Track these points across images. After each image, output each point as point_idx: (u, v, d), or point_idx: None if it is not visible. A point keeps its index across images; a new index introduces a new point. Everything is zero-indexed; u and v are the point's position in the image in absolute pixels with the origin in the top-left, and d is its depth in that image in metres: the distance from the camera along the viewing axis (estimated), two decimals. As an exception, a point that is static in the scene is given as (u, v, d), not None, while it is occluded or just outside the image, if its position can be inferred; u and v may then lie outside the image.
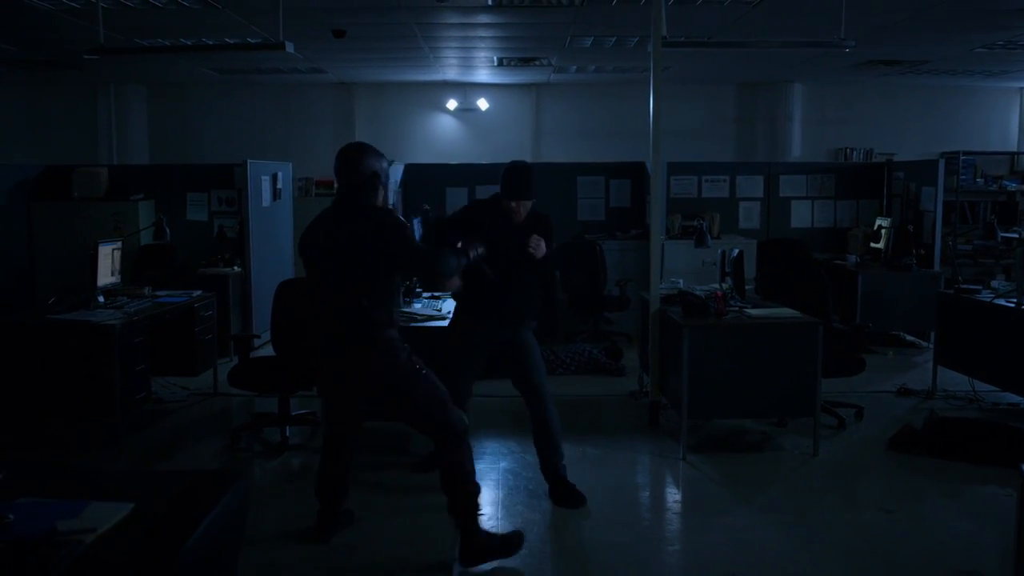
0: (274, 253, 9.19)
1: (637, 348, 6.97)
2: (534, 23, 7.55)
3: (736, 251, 6.06)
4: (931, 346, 8.55)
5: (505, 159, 10.29)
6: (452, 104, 11.39)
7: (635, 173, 9.80)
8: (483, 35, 8.14)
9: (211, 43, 7.71)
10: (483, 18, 7.35)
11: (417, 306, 6.01)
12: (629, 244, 9.39)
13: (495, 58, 9.45)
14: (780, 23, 7.43)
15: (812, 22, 7.33)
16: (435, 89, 11.37)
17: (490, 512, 4.54)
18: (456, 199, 9.46)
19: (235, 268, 8.59)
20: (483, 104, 11.39)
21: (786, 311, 5.68)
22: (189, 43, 7.88)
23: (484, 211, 4.67)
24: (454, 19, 7.43)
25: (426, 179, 9.70)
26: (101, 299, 6.09)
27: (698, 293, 5.86)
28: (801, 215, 9.81)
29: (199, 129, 11.54)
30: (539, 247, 4.44)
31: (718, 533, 4.30)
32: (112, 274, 6.37)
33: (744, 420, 5.97)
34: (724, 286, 6.06)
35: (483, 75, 10.79)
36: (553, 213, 9.41)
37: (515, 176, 4.56)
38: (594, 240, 8.95)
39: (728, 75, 10.79)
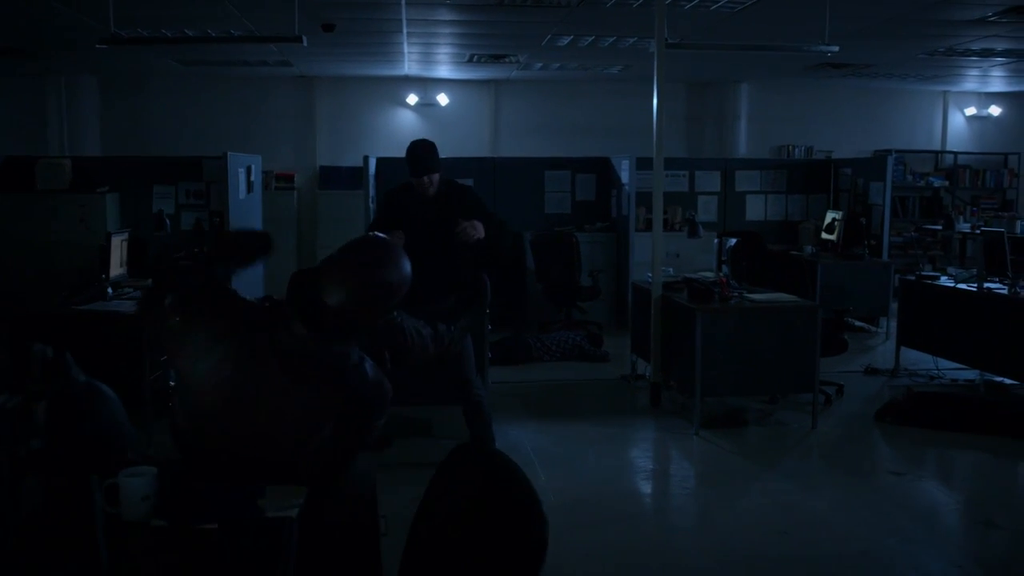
0: (251, 245, 9.18)
1: (630, 333, 7.29)
2: (522, 21, 7.80)
3: (733, 241, 6.47)
4: (880, 330, 9.24)
5: (465, 153, 10.71)
6: (412, 99, 11.53)
7: (600, 168, 10.17)
8: (468, 32, 8.34)
9: (215, 35, 7.68)
10: (476, 15, 7.56)
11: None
12: (597, 236, 9.75)
13: (467, 54, 9.65)
14: (752, 27, 7.88)
15: (784, 25, 7.82)
16: (395, 84, 11.49)
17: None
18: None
19: (217, 260, 8.56)
20: (443, 99, 11.57)
21: (784, 296, 6.13)
22: (192, 34, 7.82)
23: (399, 196, 5.01)
24: (447, 16, 7.62)
25: (395, 173, 9.80)
26: (110, 290, 6.08)
27: (700, 280, 6.24)
28: (755, 208, 10.37)
29: (154, 121, 11.34)
30: (467, 232, 4.65)
31: (755, 497, 4.70)
32: (121, 265, 6.35)
33: (743, 398, 6.39)
34: (722, 273, 6.46)
35: (444, 71, 10.98)
36: (521, 206, 9.89)
37: (414, 153, 4.86)
38: (568, 231, 9.27)
39: (680, 75, 11.26)
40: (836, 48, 6.73)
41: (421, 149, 4.85)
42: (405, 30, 8.21)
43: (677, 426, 5.94)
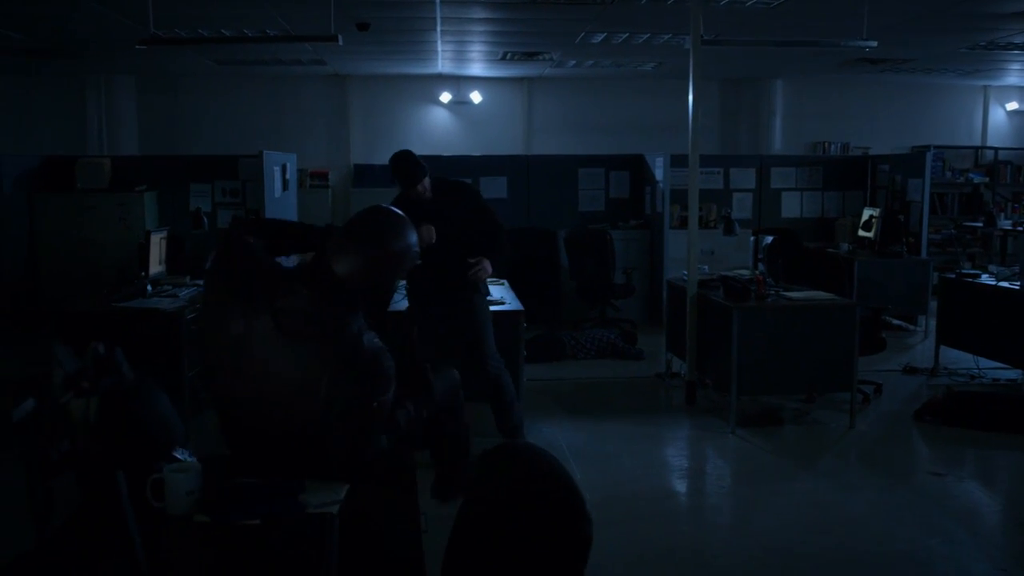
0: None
1: (664, 331, 7.26)
2: (555, 19, 7.78)
3: (769, 238, 6.42)
4: (919, 329, 9.12)
5: (498, 151, 10.70)
6: (446, 97, 11.55)
7: (633, 165, 10.13)
8: (502, 30, 8.34)
9: (251, 35, 7.74)
10: (510, 13, 7.55)
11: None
12: (631, 234, 9.72)
13: (500, 52, 9.65)
14: (788, 22, 7.80)
15: (820, 21, 7.73)
16: (429, 82, 11.52)
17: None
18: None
19: (253, 258, 8.64)
20: (476, 97, 11.58)
21: (821, 294, 6.07)
22: (228, 34, 7.89)
23: (401, 207, 4.96)
24: (481, 14, 7.62)
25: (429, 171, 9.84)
26: (149, 287, 6.16)
27: (737, 277, 6.19)
28: (791, 206, 10.26)
29: (190, 120, 11.48)
30: (479, 275, 4.81)
31: (792, 496, 4.65)
32: (159, 263, 6.43)
33: (776, 397, 6.33)
34: (758, 271, 6.41)
35: (476, 68, 10.98)
36: (555, 204, 9.88)
37: (401, 168, 4.83)
38: (602, 229, 9.24)
39: (713, 72, 11.18)
40: (874, 43, 6.64)
41: (404, 162, 4.83)
42: (439, 28, 8.22)
43: (713, 424, 5.90)
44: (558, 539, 1.55)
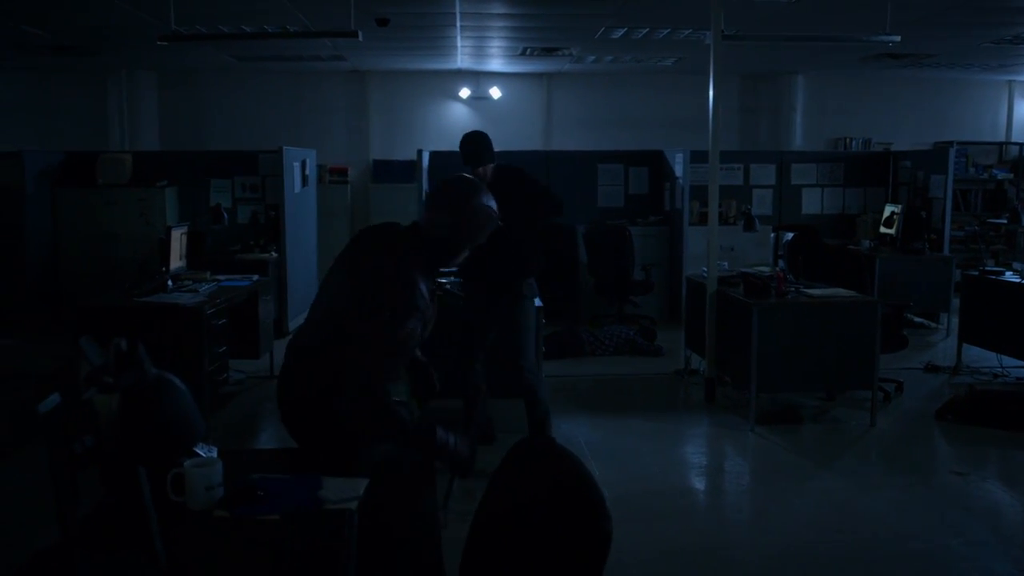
0: (305, 238, 9.31)
1: (683, 328, 7.24)
2: (575, 14, 7.76)
3: (789, 235, 6.38)
4: (941, 326, 9.04)
5: (518, 147, 10.70)
6: (465, 92, 11.55)
7: (653, 161, 10.09)
8: (521, 25, 8.33)
9: (271, 31, 7.77)
10: (530, 8, 7.54)
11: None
12: (650, 230, 9.68)
13: (520, 47, 9.64)
14: (809, 17, 7.74)
15: (842, 15, 7.67)
16: (448, 77, 11.52)
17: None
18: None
19: (272, 253, 8.69)
20: (495, 93, 11.57)
21: (842, 291, 6.02)
22: (248, 30, 7.93)
23: None
24: (501, 9, 7.61)
25: (449, 166, 9.84)
26: (170, 283, 6.19)
27: (757, 274, 6.15)
28: (812, 202, 10.19)
29: (210, 116, 11.54)
30: None
31: (812, 495, 4.63)
32: (180, 258, 6.47)
33: (797, 394, 6.30)
34: (778, 268, 6.38)
35: (496, 64, 10.97)
36: (574, 200, 9.85)
37: (470, 145, 4.90)
38: (621, 225, 9.22)
39: (733, 67, 11.12)
40: (897, 38, 6.58)
41: (475, 140, 4.89)
42: (459, 23, 8.22)
43: (732, 422, 5.88)
44: (578, 536, 1.55)
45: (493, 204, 2.79)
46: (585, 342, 7.90)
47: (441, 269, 2.91)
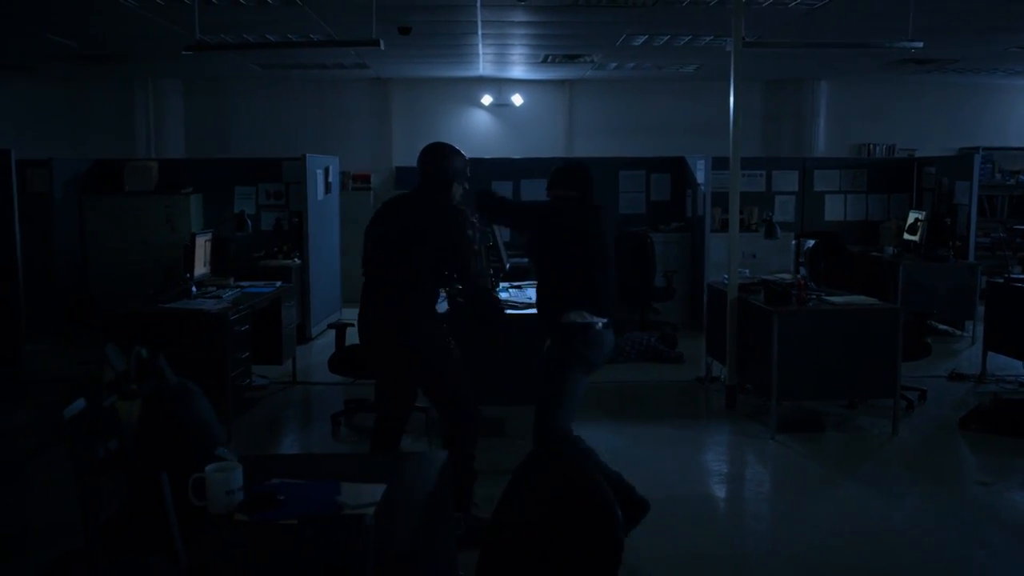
0: (328, 245, 9.38)
1: (704, 335, 7.23)
2: (597, 21, 7.78)
3: (811, 242, 6.35)
4: (965, 334, 8.96)
5: (540, 154, 10.71)
6: (487, 100, 11.60)
7: (675, 167, 10.08)
8: (543, 32, 8.36)
9: (295, 39, 7.85)
10: (551, 16, 7.57)
11: (504, 296, 6.21)
12: (672, 236, 9.68)
13: (542, 54, 9.67)
14: (832, 23, 7.72)
15: (864, 21, 7.64)
16: (470, 85, 11.58)
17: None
18: (501, 191, 9.67)
19: (295, 260, 8.77)
20: (517, 100, 11.61)
21: (864, 298, 5.99)
22: (272, 39, 8.02)
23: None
24: (522, 17, 7.64)
25: (473, 173, 9.86)
26: (194, 289, 6.26)
27: (778, 281, 6.14)
28: (834, 208, 10.15)
29: (235, 124, 11.66)
30: None
31: (830, 504, 4.60)
32: (204, 264, 6.54)
33: (818, 403, 6.26)
34: (799, 275, 6.35)
35: (518, 71, 11.02)
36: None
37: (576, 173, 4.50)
38: (643, 232, 9.21)
39: (755, 73, 11.10)
40: (920, 44, 6.55)
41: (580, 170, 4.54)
42: (480, 32, 8.27)
43: (752, 430, 5.86)
44: (590, 542, 1.57)
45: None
46: (606, 349, 7.88)
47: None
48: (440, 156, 4.18)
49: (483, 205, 4.44)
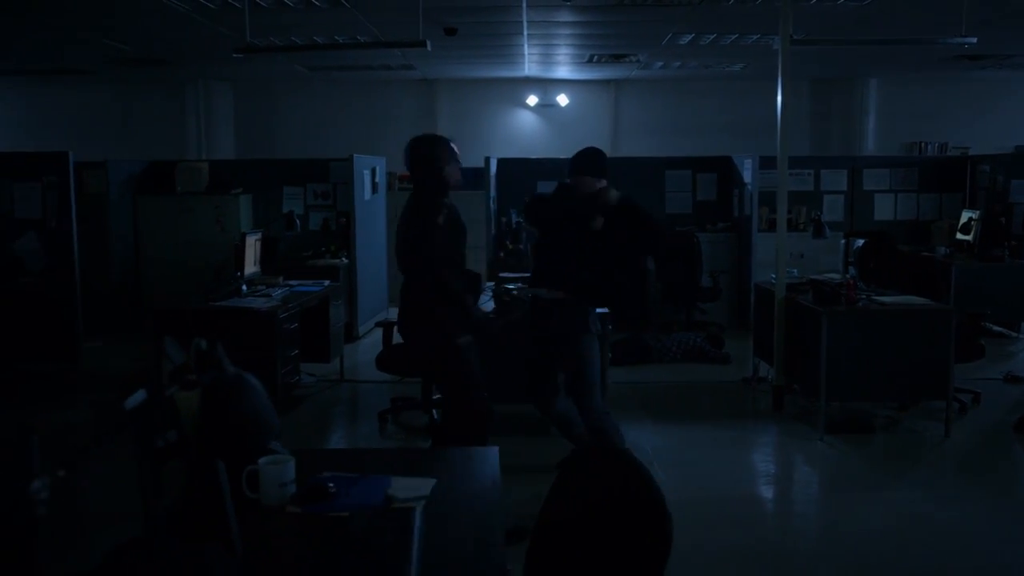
0: (375, 244, 9.47)
1: (751, 335, 7.17)
2: (643, 21, 7.76)
3: (860, 241, 6.27)
4: (1021, 336, 8.77)
5: (586, 154, 10.64)
6: (532, 100, 11.62)
7: (721, 167, 10.01)
8: (589, 32, 8.36)
9: (342, 41, 7.95)
10: (598, 16, 7.57)
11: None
12: (718, 236, 9.60)
13: (587, 54, 9.67)
14: (882, 20, 7.61)
15: (915, 17, 7.52)
16: (515, 85, 11.62)
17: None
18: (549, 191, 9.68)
19: (343, 259, 8.87)
20: (563, 100, 11.62)
21: (915, 298, 5.90)
22: (320, 41, 8.13)
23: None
24: (569, 17, 7.65)
25: (518, 173, 9.91)
26: (244, 287, 6.37)
27: (827, 281, 6.07)
28: (884, 208, 9.99)
29: (283, 125, 11.83)
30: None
31: (884, 505, 4.54)
32: (254, 263, 6.65)
33: (867, 404, 6.17)
34: (848, 275, 6.27)
35: (563, 71, 11.02)
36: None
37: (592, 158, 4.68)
38: (691, 231, 9.17)
39: (803, 72, 10.98)
40: (974, 40, 6.42)
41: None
42: (526, 32, 8.29)
43: (800, 431, 5.80)
44: (639, 535, 1.57)
45: None
46: (652, 348, 7.87)
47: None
48: (414, 149, 4.22)
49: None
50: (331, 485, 2.28)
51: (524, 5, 7.13)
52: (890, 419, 6.05)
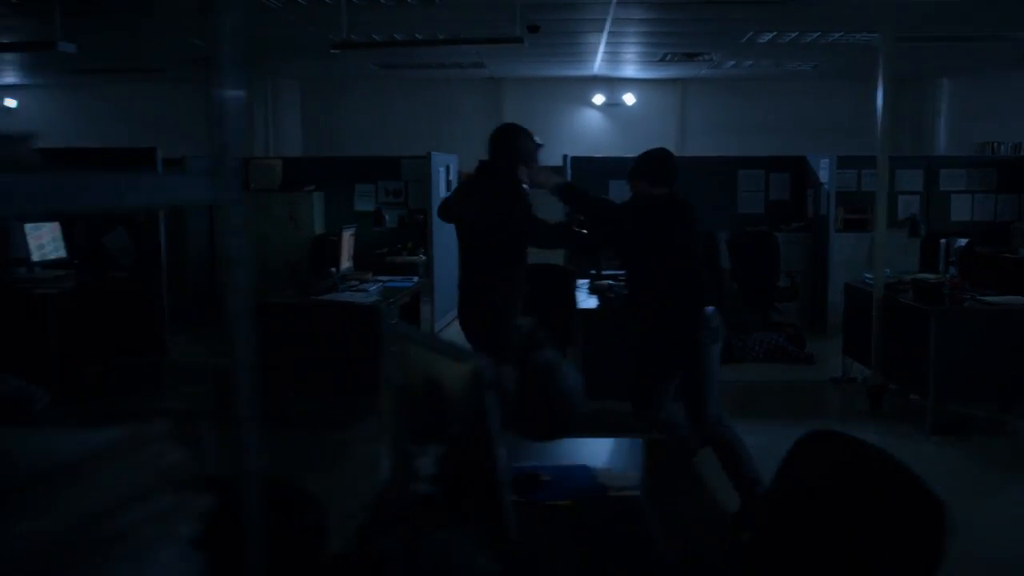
0: (450, 241, 9.48)
1: (829, 335, 7.11)
2: (726, 18, 7.73)
3: (962, 242, 6.20)
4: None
5: (652, 153, 10.61)
6: (599, 99, 11.61)
7: (793, 166, 9.92)
8: (670, 30, 8.34)
9: (442, 37, 7.98)
10: (683, 13, 7.54)
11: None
12: (792, 236, 9.52)
13: (660, 53, 9.64)
14: (968, 16, 7.52)
15: (991, 15, 7.42)
16: (582, 84, 11.61)
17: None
18: (619, 191, 9.65)
19: (420, 256, 8.90)
20: (629, 99, 11.59)
21: (1020, 298, 5.82)
22: (420, 37, 8.17)
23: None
24: (652, 15, 7.63)
25: (590, 172, 9.88)
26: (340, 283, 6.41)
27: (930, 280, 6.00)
28: (961, 208, 9.86)
29: (349, 123, 11.91)
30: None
31: (1004, 507, 4.47)
32: (348, 259, 6.69)
33: (968, 405, 6.09)
34: (948, 275, 6.20)
35: (630, 70, 11.00)
36: (712, 206, 9.74)
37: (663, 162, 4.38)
38: (768, 231, 9.10)
39: (874, 72, 10.85)
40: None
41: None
42: (607, 29, 8.28)
43: (903, 431, 5.73)
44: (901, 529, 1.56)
45: None
46: (735, 348, 7.82)
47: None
48: (505, 137, 4.24)
49: (565, 199, 4.38)
50: (544, 474, 2.28)
51: (613, 2, 7.12)
52: (992, 420, 5.96)
